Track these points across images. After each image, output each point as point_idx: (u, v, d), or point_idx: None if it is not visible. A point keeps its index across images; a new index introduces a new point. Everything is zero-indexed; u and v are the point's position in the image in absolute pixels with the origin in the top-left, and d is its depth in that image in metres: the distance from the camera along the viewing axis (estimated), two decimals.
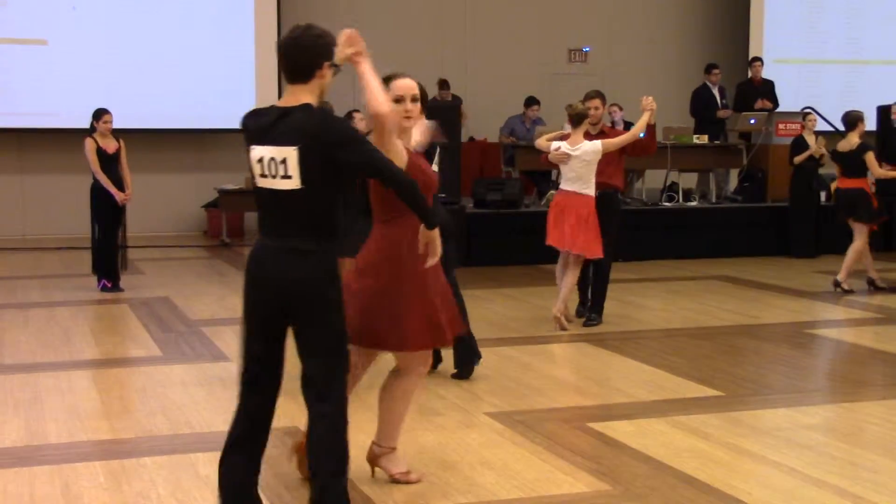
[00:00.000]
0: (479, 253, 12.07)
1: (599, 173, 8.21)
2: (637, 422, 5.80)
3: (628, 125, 13.62)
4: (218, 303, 9.70)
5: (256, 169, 4.01)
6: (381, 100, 4.10)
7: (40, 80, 14.50)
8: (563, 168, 8.27)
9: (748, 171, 14.14)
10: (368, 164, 3.95)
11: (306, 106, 3.96)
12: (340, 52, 4.11)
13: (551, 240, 8.35)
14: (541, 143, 8.48)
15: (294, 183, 3.92)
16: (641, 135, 8.23)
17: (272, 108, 4.05)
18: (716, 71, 14.94)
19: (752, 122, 14.05)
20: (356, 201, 5.00)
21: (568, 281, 8.27)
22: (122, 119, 10.25)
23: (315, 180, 3.92)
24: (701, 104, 14.79)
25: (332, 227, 3.99)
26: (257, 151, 4.00)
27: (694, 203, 13.71)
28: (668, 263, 12.46)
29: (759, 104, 14.53)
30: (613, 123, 14.16)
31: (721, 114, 14.65)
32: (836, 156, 10.58)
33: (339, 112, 8.75)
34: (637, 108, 8.57)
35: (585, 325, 8.54)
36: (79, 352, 7.63)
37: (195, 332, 8.28)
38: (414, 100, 4.51)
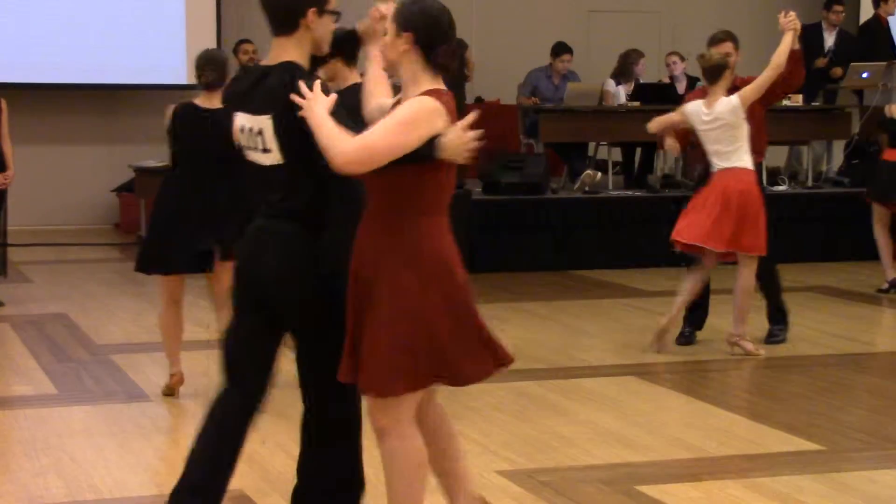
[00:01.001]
0: (488, 254, 12.08)
1: None
2: (705, 485, 5.79)
3: (693, 81, 13.65)
4: (134, 322, 9.70)
5: (241, 139, 4.42)
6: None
7: None
8: (703, 140, 8.30)
9: (858, 144, 14.14)
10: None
11: (285, 65, 4.29)
12: (365, 22, 4.63)
13: (696, 235, 8.27)
14: (662, 120, 8.52)
15: (274, 157, 4.31)
16: None
17: (257, 67, 4.46)
18: (838, 8, 14.67)
19: (865, 75, 14.03)
20: None
21: (744, 290, 8.41)
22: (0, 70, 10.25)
23: (298, 154, 4.25)
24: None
25: (322, 210, 4.33)
26: (238, 119, 4.41)
27: (782, 188, 13.71)
28: None
29: (819, 62, 14.43)
30: (672, 78, 14.17)
31: (819, 63, 14.55)
32: (884, 122, 11.03)
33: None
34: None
35: (769, 341, 8.79)
36: None
37: (103, 362, 8.28)
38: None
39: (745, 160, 8.23)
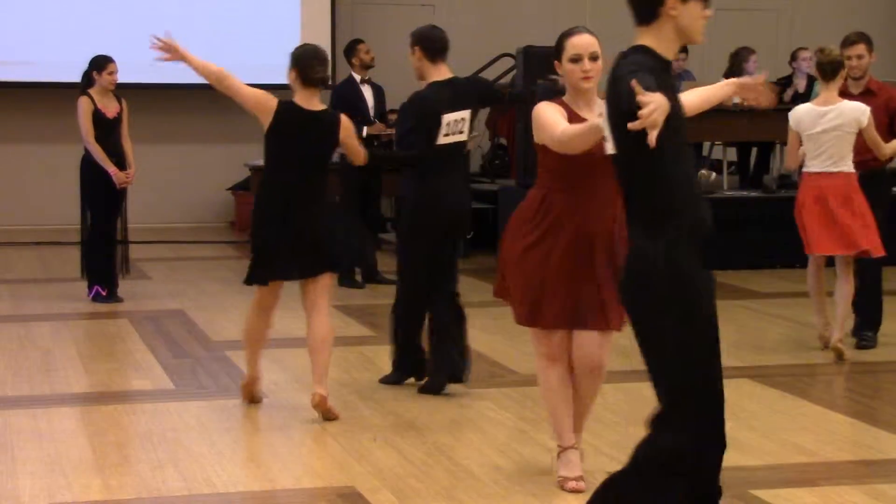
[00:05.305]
0: None
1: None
2: (822, 490, 5.72)
3: (812, 79, 13.47)
4: None
5: None
6: None
7: (10, 17, 14.78)
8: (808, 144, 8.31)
9: None
10: None
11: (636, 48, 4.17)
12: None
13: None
14: (792, 155, 8.52)
15: (609, 147, 4.35)
16: None
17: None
18: None
19: None
20: None
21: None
22: (120, 70, 10.39)
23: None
24: None
25: None
26: None
27: None
28: None
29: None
30: (794, 75, 13.97)
31: None
32: None
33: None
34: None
35: (860, 346, 8.65)
36: (62, 383, 7.76)
37: (218, 358, 8.38)
38: (593, 58, 5.78)
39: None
